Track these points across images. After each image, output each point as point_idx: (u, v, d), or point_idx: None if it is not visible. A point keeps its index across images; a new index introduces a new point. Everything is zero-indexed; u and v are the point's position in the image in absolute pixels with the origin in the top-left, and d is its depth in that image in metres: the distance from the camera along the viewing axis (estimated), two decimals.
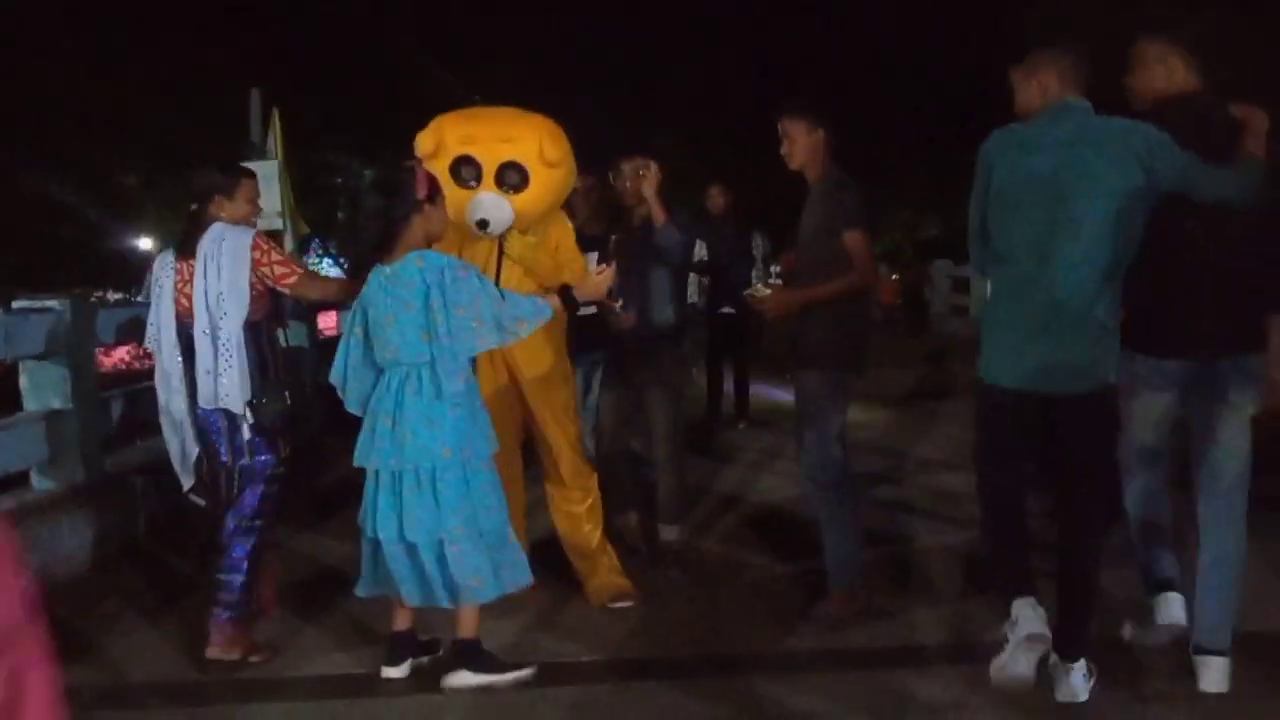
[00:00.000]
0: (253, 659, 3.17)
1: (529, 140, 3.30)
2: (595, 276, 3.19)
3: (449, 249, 3.10)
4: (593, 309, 3.68)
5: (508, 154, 3.28)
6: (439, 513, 2.80)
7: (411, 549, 2.84)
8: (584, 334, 4.01)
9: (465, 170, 3.29)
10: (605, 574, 3.61)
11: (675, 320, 3.95)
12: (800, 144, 3.33)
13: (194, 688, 3.06)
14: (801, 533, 4.12)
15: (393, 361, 2.84)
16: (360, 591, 3.06)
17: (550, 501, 3.68)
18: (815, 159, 3.34)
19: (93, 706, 2.90)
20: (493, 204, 3.28)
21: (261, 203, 3.51)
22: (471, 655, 2.93)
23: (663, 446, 3.94)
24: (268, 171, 6.19)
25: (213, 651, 3.14)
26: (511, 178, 3.29)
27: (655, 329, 3.88)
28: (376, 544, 2.90)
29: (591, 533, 3.65)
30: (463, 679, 2.92)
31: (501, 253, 3.43)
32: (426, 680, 3.00)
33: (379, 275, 2.84)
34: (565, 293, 3.14)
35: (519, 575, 2.96)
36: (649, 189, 3.69)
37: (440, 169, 3.26)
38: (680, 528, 4.04)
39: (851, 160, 3.42)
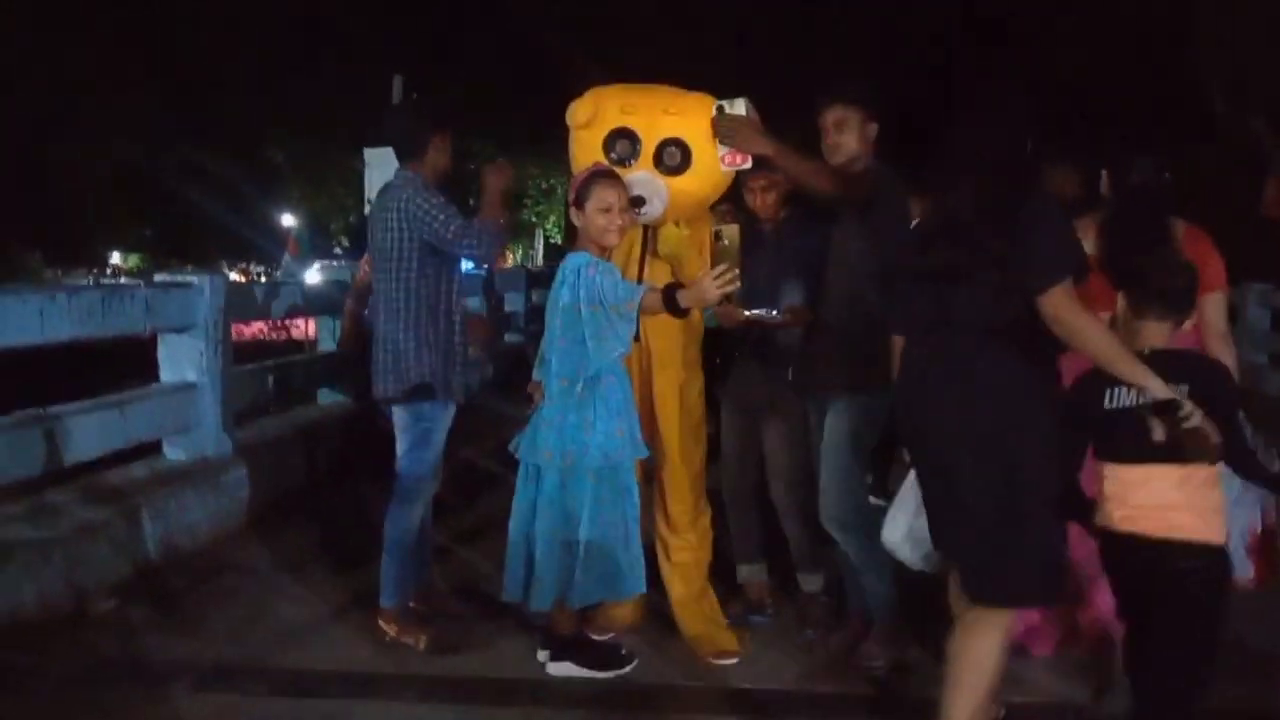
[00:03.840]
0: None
1: (697, 115, 2.96)
2: (706, 280, 2.61)
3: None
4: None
5: (671, 129, 2.95)
6: (530, 513, 2.82)
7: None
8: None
9: (621, 146, 2.96)
10: (706, 624, 3.17)
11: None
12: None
13: (297, 676, 2.94)
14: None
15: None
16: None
17: (659, 546, 3.22)
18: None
19: (192, 686, 2.84)
20: (648, 184, 2.93)
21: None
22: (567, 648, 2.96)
23: (786, 488, 3.37)
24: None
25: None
26: (672, 156, 2.95)
27: (780, 347, 3.29)
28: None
29: (704, 585, 3.24)
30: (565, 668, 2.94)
31: (646, 249, 3.05)
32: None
33: None
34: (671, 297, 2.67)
35: (601, 590, 2.85)
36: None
37: (593, 142, 2.97)
38: (820, 577, 3.42)
39: None
